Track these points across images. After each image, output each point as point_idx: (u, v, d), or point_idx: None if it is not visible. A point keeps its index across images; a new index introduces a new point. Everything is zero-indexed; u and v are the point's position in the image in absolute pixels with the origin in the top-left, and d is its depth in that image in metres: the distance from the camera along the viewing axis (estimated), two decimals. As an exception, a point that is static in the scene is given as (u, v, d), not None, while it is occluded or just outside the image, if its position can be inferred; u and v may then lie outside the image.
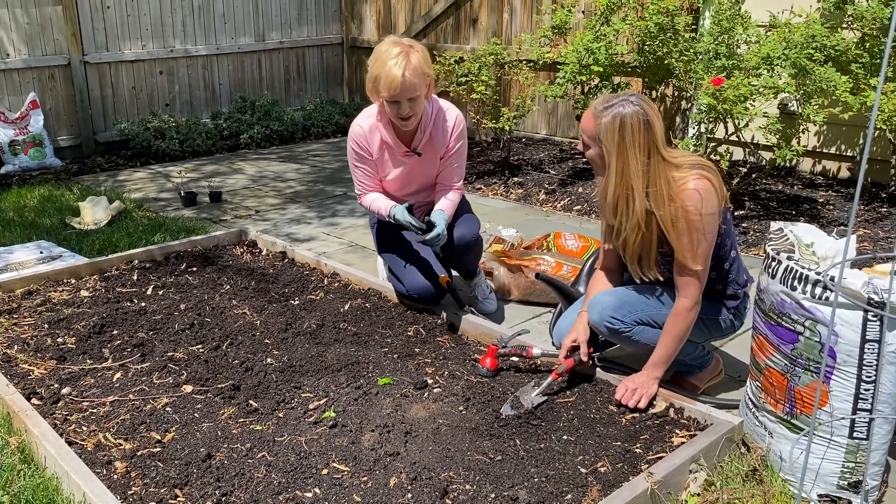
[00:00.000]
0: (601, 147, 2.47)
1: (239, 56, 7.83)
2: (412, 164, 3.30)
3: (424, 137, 3.25)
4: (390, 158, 3.29)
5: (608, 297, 2.67)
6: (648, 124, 2.41)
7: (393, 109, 3.08)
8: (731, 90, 4.30)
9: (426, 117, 3.21)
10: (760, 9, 5.11)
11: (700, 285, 2.50)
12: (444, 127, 3.27)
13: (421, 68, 3.00)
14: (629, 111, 2.40)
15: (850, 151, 5.33)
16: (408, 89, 2.99)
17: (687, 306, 2.51)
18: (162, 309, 3.36)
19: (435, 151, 3.29)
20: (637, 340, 2.63)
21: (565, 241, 3.99)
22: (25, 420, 2.45)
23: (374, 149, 3.26)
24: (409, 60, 2.97)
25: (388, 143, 3.25)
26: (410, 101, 3.03)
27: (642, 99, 2.44)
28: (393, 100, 3.03)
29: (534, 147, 6.81)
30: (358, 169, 3.32)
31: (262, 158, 7.02)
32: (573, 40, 5.36)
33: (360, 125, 3.27)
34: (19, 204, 5.34)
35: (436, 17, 7.62)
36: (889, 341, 2.10)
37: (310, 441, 2.40)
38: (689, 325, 2.54)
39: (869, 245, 4.25)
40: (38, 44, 6.59)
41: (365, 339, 3.11)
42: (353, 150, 3.29)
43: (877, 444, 2.21)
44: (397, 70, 2.95)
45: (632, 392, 2.56)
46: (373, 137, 3.25)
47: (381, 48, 3.06)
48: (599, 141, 2.47)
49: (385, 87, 2.99)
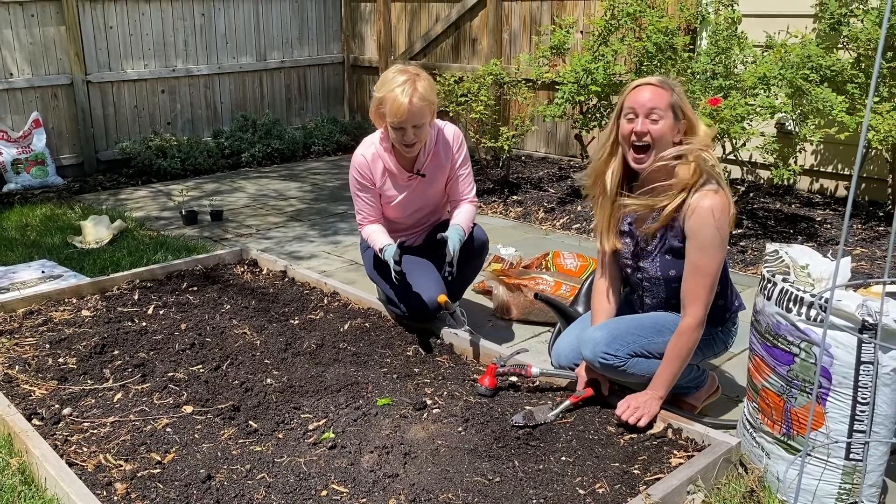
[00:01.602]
0: (676, 115, 2.50)
1: (240, 75, 7.90)
2: (415, 186, 3.32)
3: (427, 159, 3.28)
4: (393, 185, 3.31)
5: (599, 332, 2.64)
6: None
7: (397, 135, 3.11)
8: (729, 110, 4.34)
9: (429, 139, 3.25)
10: (757, 29, 5.16)
11: (706, 304, 2.51)
12: (446, 144, 3.31)
13: (427, 96, 3.04)
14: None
15: (848, 170, 5.36)
16: (413, 116, 3.02)
17: (692, 325, 2.52)
18: (163, 329, 3.38)
19: (440, 170, 3.32)
20: (633, 373, 2.62)
21: (564, 260, 4.01)
22: (26, 441, 2.46)
23: (376, 177, 3.28)
24: (416, 88, 3.01)
25: (391, 170, 3.27)
26: (415, 128, 3.07)
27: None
28: (398, 126, 3.06)
29: (533, 166, 6.84)
30: (359, 198, 3.33)
31: (263, 177, 7.06)
32: (571, 61, 5.41)
33: (363, 154, 3.28)
34: (21, 223, 5.37)
35: (435, 37, 7.69)
36: (884, 363, 2.12)
37: (309, 462, 2.41)
38: (693, 345, 2.54)
39: (867, 264, 4.27)
40: (42, 63, 6.66)
41: (364, 358, 3.13)
42: (355, 178, 3.30)
43: (873, 465, 2.22)
44: (403, 97, 2.98)
45: (633, 410, 2.57)
46: (375, 166, 3.27)
47: (387, 75, 3.10)
48: (677, 109, 2.50)
49: (391, 113, 3.02)
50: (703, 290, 2.49)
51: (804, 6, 5.14)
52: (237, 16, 7.75)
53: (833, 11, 4.78)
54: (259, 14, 7.91)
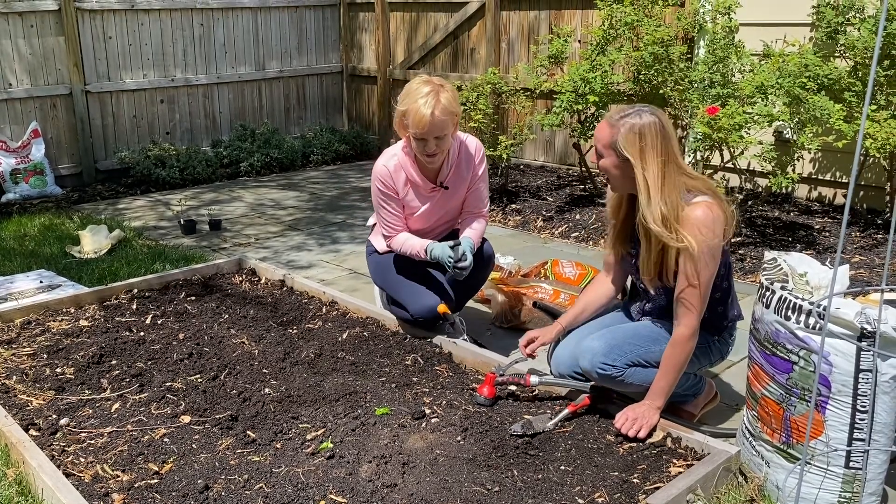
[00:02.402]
0: (618, 156, 2.50)
1: (239, 85, 7.91)
2: (438, 198, 3.32)
3: (451, 171, 3.29)
4: (416, 195, 3.30)
5: (596, 342, 2.65)
6: (665, 133, 2.47)
7: (419, 146, 3.12)
8: (727, 119, 4.35)
9: (452, 152, 3.26)
10: (754, 38, 5.18)
11: (698, 314, 2.51)
12: (468, 157, 3.32)
13: (450, 108, 3.06)
14: (646, 120, 2.46)
15: (845, 178, 5.37)
16: (436, 128, 3.04)
17: (686, 335, 2.52)
18: (161, 338, 3.37)
19: (462, 182, 3.34)
20: (631, 383, 2.63)
21: (563, 268, 4.01)
22: (23, 451, 2.45)
23: (399, 187, 3.28)
24: (439, 100, 3.02)
25: (414, 181, 3.27)
26: (437, 139, 3.08)
27: (655, 109, 2.51)
28: (420, 137, 3.07)
29: (531, 174, 6.85)
30: (384, 209, 3.30)
31: (261, 186, 7.07)
32: (569, 70, 5.43)
33: (385, 165, 3.27)
34: (20, 233, 5.37)
35: (434, 46, 7.72)
36: (883, 371, 2.12)
37: (307, 472, 2.40)
38: (688, 354, 2.54)
39: (865, 272, 4.27)
40: (41, 74, 6.67)
41: (363, 368, 3.12)
42: (378, 189, 3.28)
43: (873, 473, 2.21)
44: (426, 109, 3.00)
45: (632, 421, 2.57)
46: (398, 176, 3.27)
47: (411, 86, 3.11)
48: (617, 149, 2.49)
49: (414, 123, 3.03)
50: (696, 299, 2.49)
51: (801, 15, 5.16)
52: (236, 26, 7.78)
53: (830, 20, 4.80)
54: (258, 24, 7.93)
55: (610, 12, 5.36)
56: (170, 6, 7.25)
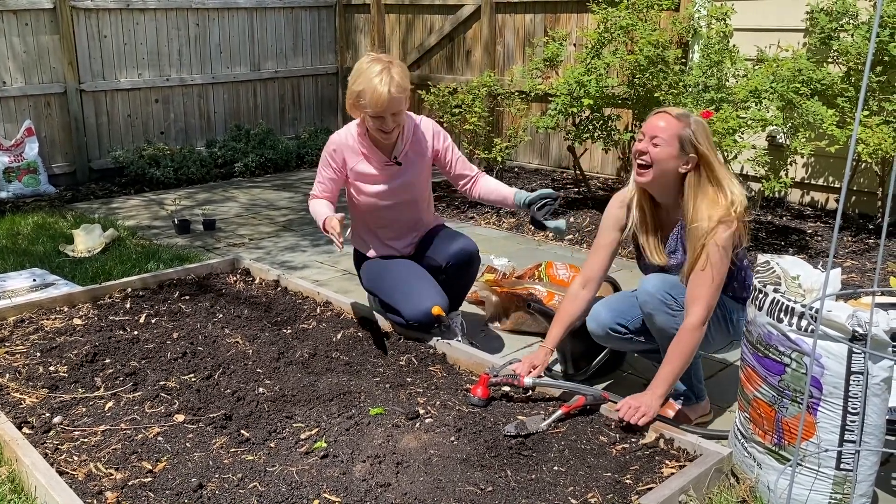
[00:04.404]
0: (683, 147, 2.59)
1: (234, 85, 7.91)
2: (392, 174, 3.37)
3: (406, 147, 3.34)
4: (368, 166, 3.36)
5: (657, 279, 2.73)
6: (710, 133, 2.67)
7: (376, 124, 3.18)
8: (720, 123, 4.37)
9: (407, 128, 3.33)
10: (748, 43, 5.21)
11: (709, 307, 2.58)
12: (423, 135, 3.40)
13: (403, 83, 3.12)
14: (699, 118, 2.64)
15: (838, 183, 5.40)
16: (392, 104, 3.10)
17: (695, 324, 2.57)
18: (154, 337, 3.37)
19: (421, 158, 3.39)
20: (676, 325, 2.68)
21: (557, 270, 4.03)
22: (16, 449, 2.45)
23: (349, 156, 3.35)
24: (393, 77, 3.08)
25: (366, 154, 3.34)
26: (394, 115, 3.15)
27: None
28: (378, 115, 3.13)
29: (526, 177, 6.87)
30: (322, 172, 3.42)
31: (255, 186, 7.07)
32: (564, 73, 5.44)
33: (338, 134, 3.39)
34: (13, 231, 5.35)
35: (429, 48, 7.73)
36: (874, 373, 2.14)
37: (301, 471, 2.40)
38: (695, 344, 2.59)
39: (857, 276, 4.30)
40: (35, 72, 6.65)
41: (357, 368, 3.13)
42: (325, 155, 3.39)
43: (863, 475, 2.23)
44: (382, 87, 3.05)
45: (634, 409, 2.59)
46: (351, 147, 3.35)
47: (361, 66, 3.16)
48: (686, 141, 2.59)
49: (371, 103, 3.09)
50: (710, 291, 2.57)
51: (795, 21, 5.19)
52: (231, 26, 7.78)
53: (823, 26, 4.83)
54: (253, 24, 7.93)
55: (605, 16, 5.38)
56: (165, 6, 7.25)
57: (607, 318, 2.84)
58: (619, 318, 2.83)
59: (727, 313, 2.78)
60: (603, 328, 2.85)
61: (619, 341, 2.88)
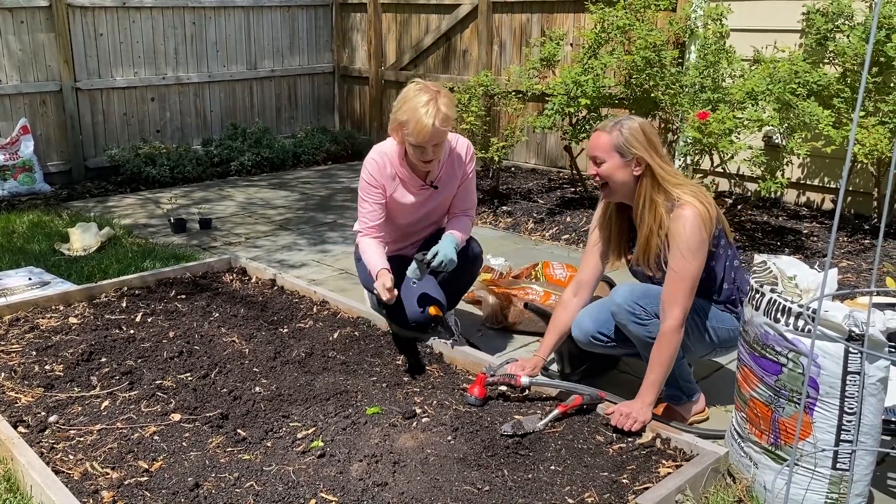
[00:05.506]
0: (623, 155, 2.62)
1: (230, 84, 7.90)
2: (427, 197, 3.32)
3: (442, 171, 3.29)
4: (405, 191, 3.29)
5: (627, 288, 2.76)
6: (655, 132, 2.68)
7: (417, 153, 3.10)
8: (717, 124, 4.38)
9: (444, 150, 3.25)
10: (745, 44, 5.22)
11: (685, 308, 2.58)
12: (459, 158, 3.33)
13: (449, 115, 3.04)
14: (640, 120, 2.67)
15: (834, 183, 5.41)
16: (436, 136, 3.03)
17: (673, 327, 2.58)
18: (151, 336, 3.36)
19: (452, 180, 3.34)
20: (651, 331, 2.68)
21: (553, 270, 4.03)
22: (12, 448, 2.44)
23: (387, 181, 3.25)
24: (439, 109, 2.99)
25: (403, 179, 3.26)
26: (435, 146, 3.08)
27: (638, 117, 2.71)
28: (419, 145, 3.05)
29: (522, 177, 6.87)
30: (365, 201, 3.26)
31: (252, 185, 7.06)
32: (561, 73, 5.45)
33: (374, 159, 3.25)
34: (8, 229, 5.34)
35: (426, 47, 7.72)
36: (870, 373, 2.14)
37: (298, 471, 2.40)
38: (675, 347, 2.59)
39: (853, 276, 4.31)
40: (31, 70, 6.63)
41: (353, 367, 3.12)
42: (365, 180, 3.26)
43: (859, 475, 2.23)
44: (427, 119, 2.96)
45: (626, 416, 2.61)
46: (388, 171, 3.25)
47: (408, 94, 3.06)
48: (622, 149, 2.62)
49: (414, 133, 3.00)
50: (682, 293, 2.57)
51: (791, 21, 5.20)
52: (228, 24, 7.76)
53: (820, 27, 4.84)
54: (250, 23, 7.92)
55: (602, 16, 5.38)
56: (162, 4, 7.23)
57: (590, 327, 2.85)
58: (601, 327, 2.84)
59: (704, 320, 2.77)
60: (586, 336, 2.87)
61: (602, 348, 2.89)
